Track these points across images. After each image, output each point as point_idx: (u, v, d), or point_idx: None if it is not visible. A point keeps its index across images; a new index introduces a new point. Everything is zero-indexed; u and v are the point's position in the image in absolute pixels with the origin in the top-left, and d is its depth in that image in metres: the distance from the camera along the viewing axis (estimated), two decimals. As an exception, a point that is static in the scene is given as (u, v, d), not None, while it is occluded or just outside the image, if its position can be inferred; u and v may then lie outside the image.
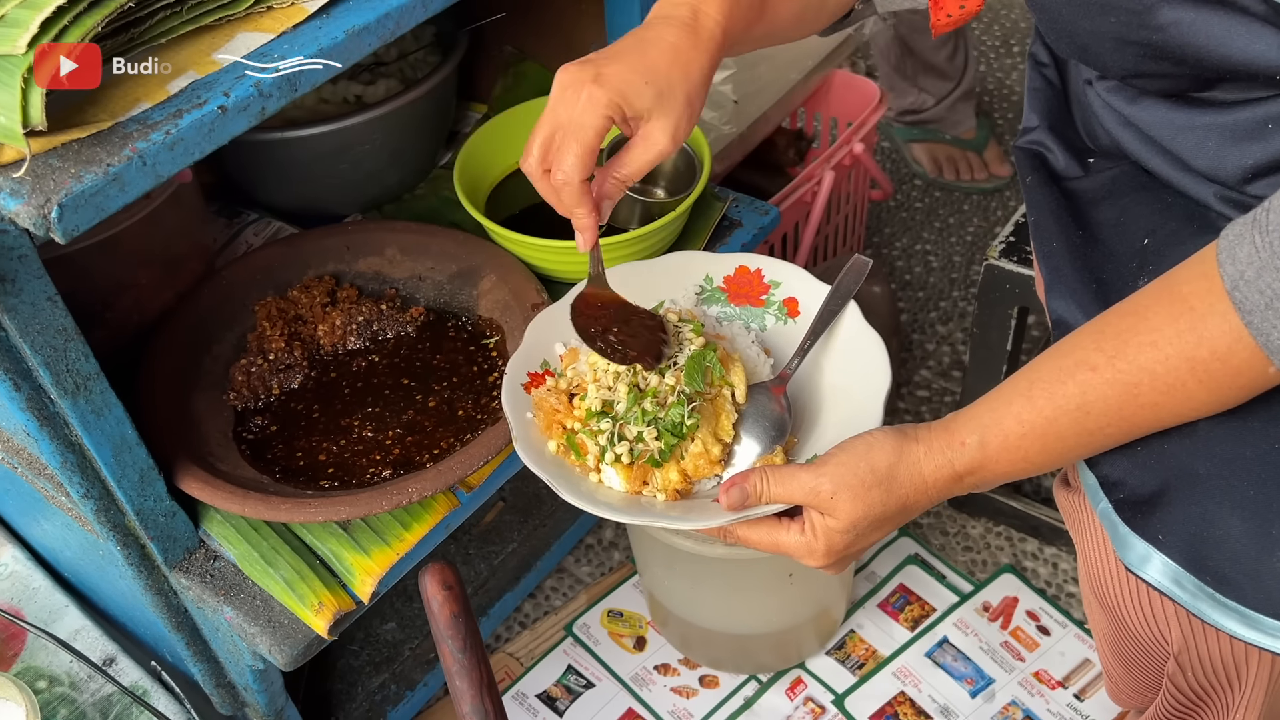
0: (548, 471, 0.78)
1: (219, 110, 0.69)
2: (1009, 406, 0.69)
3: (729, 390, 0.83)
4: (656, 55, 0.75)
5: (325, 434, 0.93)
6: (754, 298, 0.94)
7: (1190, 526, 0.66)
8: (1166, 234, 0.79)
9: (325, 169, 1.11)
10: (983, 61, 2.28)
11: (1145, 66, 0.72)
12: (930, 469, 0.71)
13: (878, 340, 0.85)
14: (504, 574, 1.33)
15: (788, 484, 0.72)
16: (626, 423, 0.79)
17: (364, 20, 0.76)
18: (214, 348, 0.99)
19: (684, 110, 0.76)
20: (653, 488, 0.80)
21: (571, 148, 0.74)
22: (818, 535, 0.72)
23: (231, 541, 0.86)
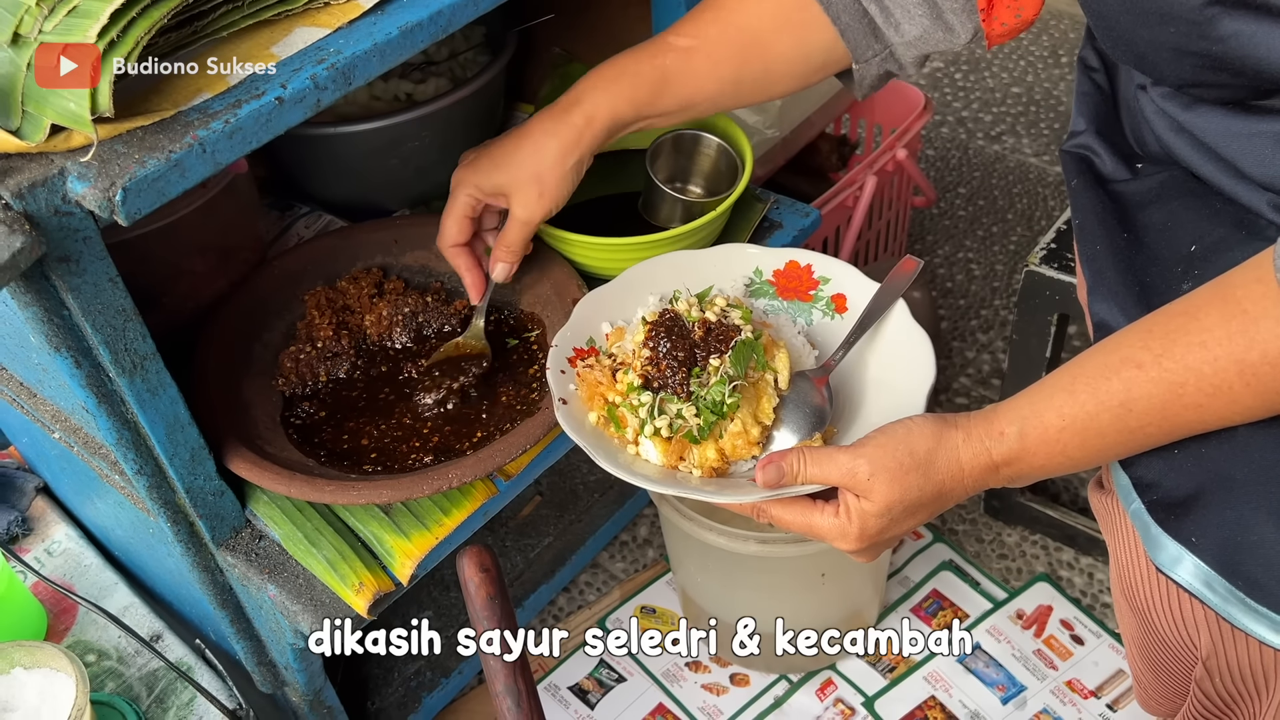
0: (587, 441, 0.80)
1: (276, 101, 0.71)
2: (1050, 400, 0.69)
3: (772, 375, 0.85)
4: (517, 144, 0.91)
5: (369, 420, 0.95)
6: (802, 293, 0.95)
7: (1224, 531, 0.66)
8: (1214, 240, 0.78)
9: (375, 164, 1.13)
10: (1030, 72, 2.27)
11: (1203, 76, 0.72)
12: (968, 456, 0.71)
13: (924, 338, 0.86)
14: (539, 567, 1.35)
15: (824, 464, 0.72)
16: (669, 400, 0.80)
17: (417, 17, 0.78)
18: (265, 335, 1.02)
19: (532, 187, 0.91)
20: (689, 464, 0.82)
21: (445, 225, 0.96)
22: (852, 518, 0.72)
23: (276, 522, 0.89)
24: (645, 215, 1.09)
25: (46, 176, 0.66)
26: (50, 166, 0.66)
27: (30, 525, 1.22)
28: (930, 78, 2.27)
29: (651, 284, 0.94)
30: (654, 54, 0.91)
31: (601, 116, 0.90)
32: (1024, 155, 2.06)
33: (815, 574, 1.16)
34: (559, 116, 0.90)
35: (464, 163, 0.96)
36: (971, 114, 2.18)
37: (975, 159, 2.06)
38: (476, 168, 0.94)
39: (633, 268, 0.95)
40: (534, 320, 1.03)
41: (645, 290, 0.93)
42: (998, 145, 2.09)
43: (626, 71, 0.91)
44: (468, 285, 0.99)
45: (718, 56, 0.92)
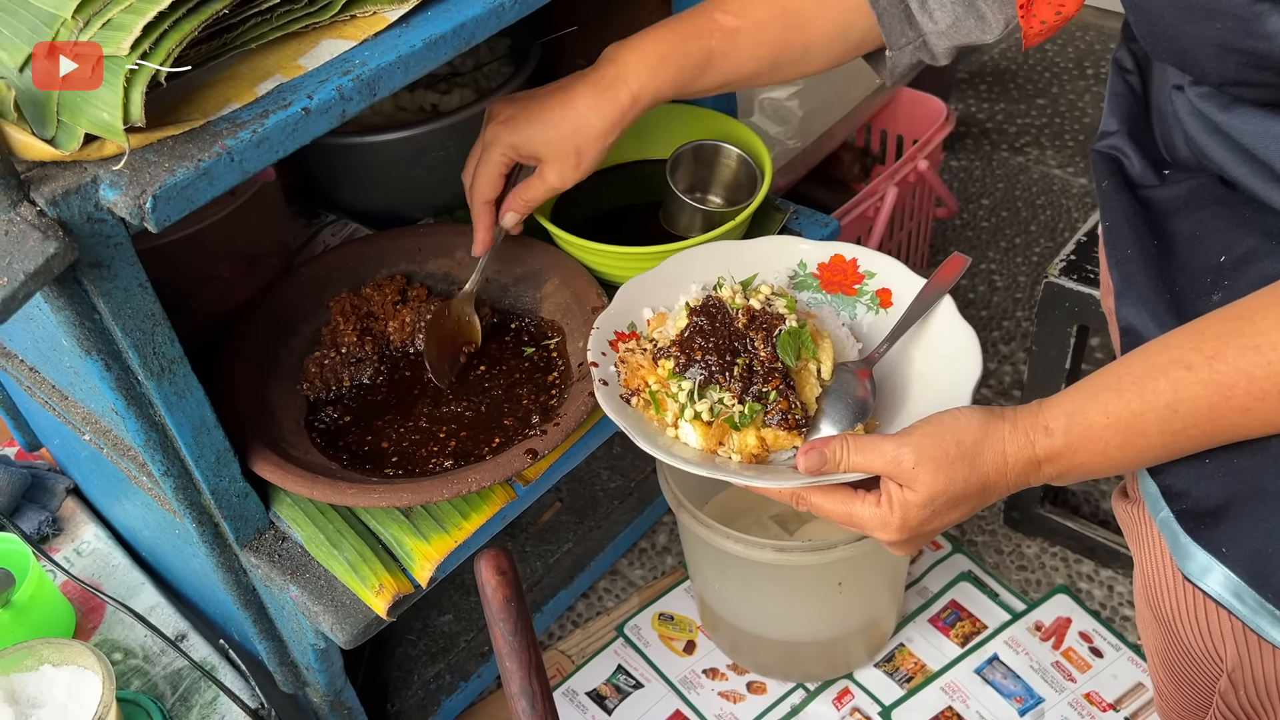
0: (627, 423, 0.81)
1: (303, 112, 0.73)
2: (1095, 398, 0.68)
3: (815, 365, 0.85)
4: (559, 111, 0.91)
5: (391, 425, 0.96)
6: (847, 286, 0.95)
7: (1256, 542, 0.66)
8: (1244, 251, 0.78)
9: (400, 174, 1.15)
10: (1055, 83, 2.27)
11: (1246, 75, 0.71)
12: (1013, 449, 0.70)
13: (971, 333, 0.85)
14: (558, 573, 1.36)
15: (868, 452, 0.71)
16: (710, 388, 0.81)
17: (441, 30, 0.80)
18: (290, 340, 1.03)
19: (572, 160, 0.92)
20: (728, 449, 0.82)
21: (477, 178, 0.96)
22: (894, 508, 0.71)
23: (299, 523, 0.90)
24: (665, 225, 1.10)
25: (80, 184, 0.68)
26: (84, 174, 0.68)
27: (60, 525, 1.25)
28: (955, 89, 2.27)
29: (694, 272, 0.94)
30: (700, 33, 0.91)
31: (645, 97, 0.91)
32: (1048, 167, 2.06)
33: (832, 583, 1.17)
34: (604, 91, 0.90)
35: (498, 118, 0.94)
36: (996, 125, 2.18)
37: (999, 170, 2.06)
38: (514, 127, 0.92)
39: (675, 255, 0.95)
40: (554, 328, 1.04)
41: (688, 278, 0.94)
42: (1021, 156, 2.09)
43: (674, 52, 0.91)
44: (478, 240, 0.99)
45: (761, 38, 0.92)
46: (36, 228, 0.66)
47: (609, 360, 0.87)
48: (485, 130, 0.95)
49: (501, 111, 0.94)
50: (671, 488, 1.17)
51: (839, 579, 1.16)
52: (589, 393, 0.93)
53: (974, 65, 2.33)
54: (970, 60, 2.35)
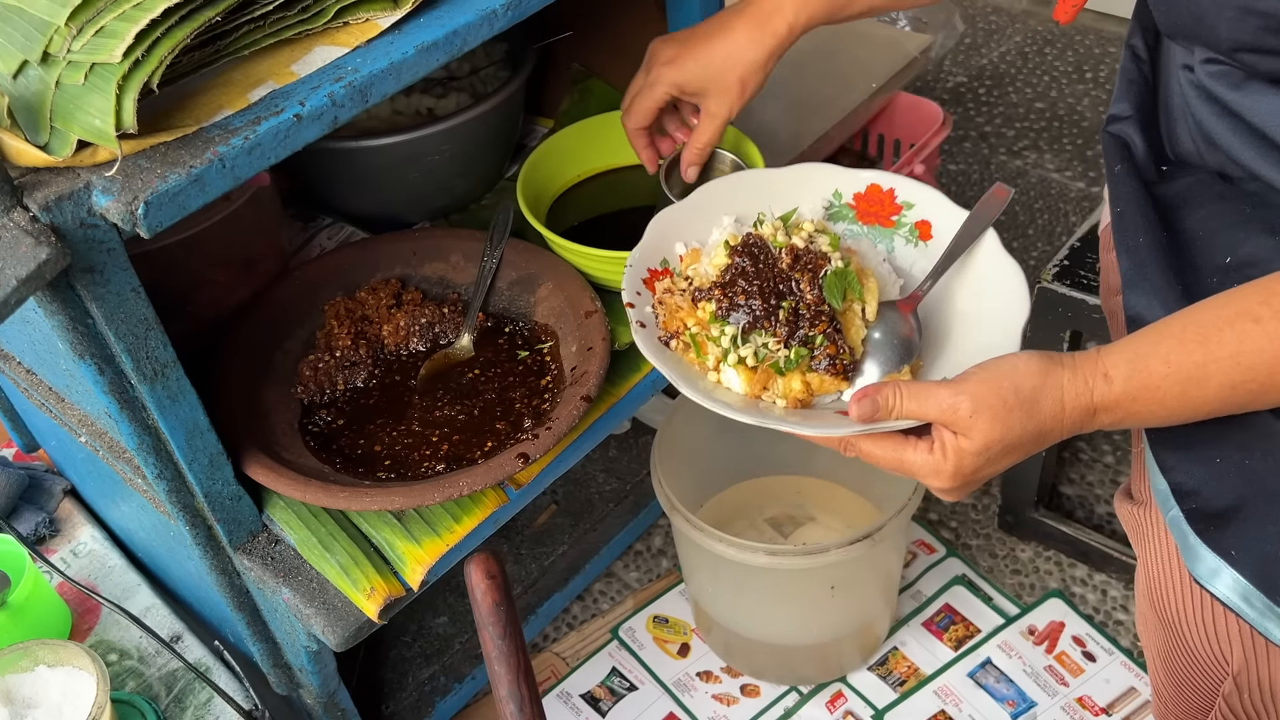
0: (667, 366, 0.78)
1: (294, 118, 0.74)
2: (1157, 346, 0.68)
3: (859, 305, 0.82)
4: (720, 46, 0.94)
5: (384, 429, 0.97)
6: (884, 218, 0.91)
7: (1266, 545, 0.66)
8: (1248, 253, 0.78)
9: (396, 178, 1.16)
10: (1054, 87, 2.27)
11: (1264, 40, 0.70)
12: (1070, 396, 0.69)
13: (1017, 270, 0.83)
14: (553, 575, 1.36)
15: (923, 400, 0.69)
16: (755, 333, 0.79)
17: (433, 37, 0.80)
18: (285, 343, 1.04)
19: (736, 90, 0.96)
20: (772, 394, 0.79)
21: (639, 103, 1.00)
22: (948, 455, 0.69)
23: (292, 526, 0.91)
24: None
25: (73, 190, 0.69)
26: (77, 180, 0.69)
27: (57, 526, 1.25)
28: (953, 93, 2.28)
29: (727, 204, 0.90)
30: None
31: (800, 26, 0.94)
32: (1046, 170, 2.06)
33: (825, 586, 1.17)
34: (763, 24, 0.94)
35: (660, 57, 0.97)
36: (994, 129, 2.18)
37: (997, 174, 2.06)
38: (680, 67, 0.96)
39: (705, 186, 0.91)
40: (547, 332, 1.04)
41: (720, 210, 0.89)
42: (1019, 160, 2.09)
43: None
44: (645, 160, 1.06)
45: None
46: (29, 233, 0.67)
47: (645, 300, 0.84)
48: (649, 71, 0.98)
49: (663, 51, 0.97)
50: (665, 491, 1.17)
51: (831, 583, 1.17)
52: (581, 397, 0.94)
53: (973, 69, 2.34)
54: (970, 64, 2.35)
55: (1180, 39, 0.82)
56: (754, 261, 0.80)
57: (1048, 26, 2.46)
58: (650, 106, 0.99)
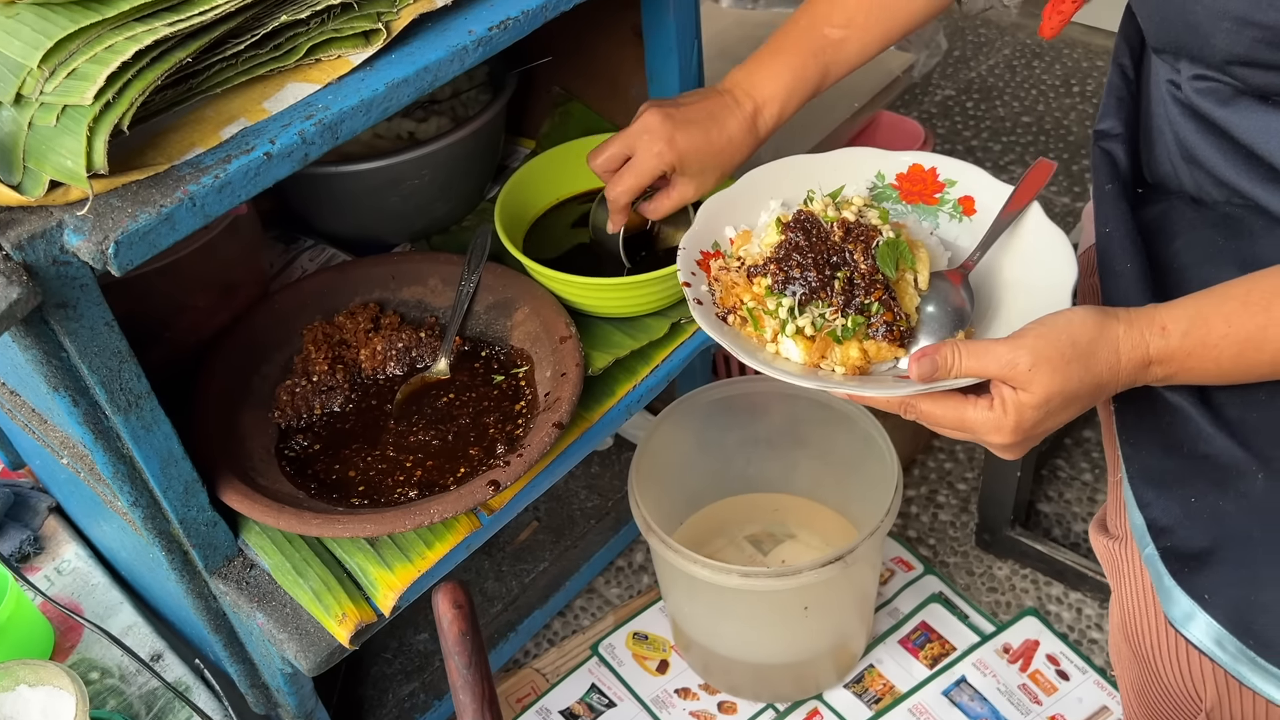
0: (726, 339, 0.81)
1: (264, 156, 0.75)
2: (1220, 306, 0.69)
3: (912, 275, 0.84)
4: (718, 141, 0.98)
5: (359, 454, 0.98)
6: (928, 196, 0.94)
7: (1239, 589, 0.67)
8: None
9: (376, 201, 1.17)
10: (1041, 100, 2.28)
11: (1258, 53, 0.72)
12: (1127, 348, 0.70)
13: (1063, 238, 0.85)
14: (534, 592, 1.38)
15: (982, 357, 0.70)
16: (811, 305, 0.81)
17: (403, 74, 0.81)
18: (263, 368, 1.05)
19: (714, 182, 1.01)
20: (830, 362, 0.81)
21: (629, 180, 0.99)
22: (1008, 410, 0.70)
23: (267, 552, 0.92)
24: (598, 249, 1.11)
25: (45, 229, 0.70)
26: (49, 219, 0.70)
27: (42, 544, 1.27)
28: (941, 106, 2.29)
29: (773, 189, 0.94)
30: (815, 53, 0.99)
31: (776, 127, 1.01)
32: (1031, 186, 2.07)
33: (798, 607, 1.19)
34: (751, 127, 1.00)
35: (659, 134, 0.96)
36: (981, 143, 2.19)
37: (982, 189, 2.07)
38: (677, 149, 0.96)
39: (751, 173, 0.95)
40: (523, 357, 1.06)
41: (767, 195, 0.93)
42: (1005, 175, 2.10)
43: (798, 80, 0.99)
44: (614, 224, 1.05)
45: (867, 39, 0.99)
46: (1, 272, 0.68)
47: (700, 280, 0.88)
48: (645, 145, 0.97)
49: (659, 127, 0.96)
50: (642, 512, 1.19)
51: (805, 603, 1.18)
52: (553, 424, 0.95)
53: (961, 82, 2.35)
54: (959, 77, 2.36)
55: (1170, 52, 0.83)
56: (807, 236, 0.83)
57: (1036, 39, 2.47)
58: (644, 183, 0.99)
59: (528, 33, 0.89)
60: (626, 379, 1.07)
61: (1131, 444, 0.76)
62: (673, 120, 0.96)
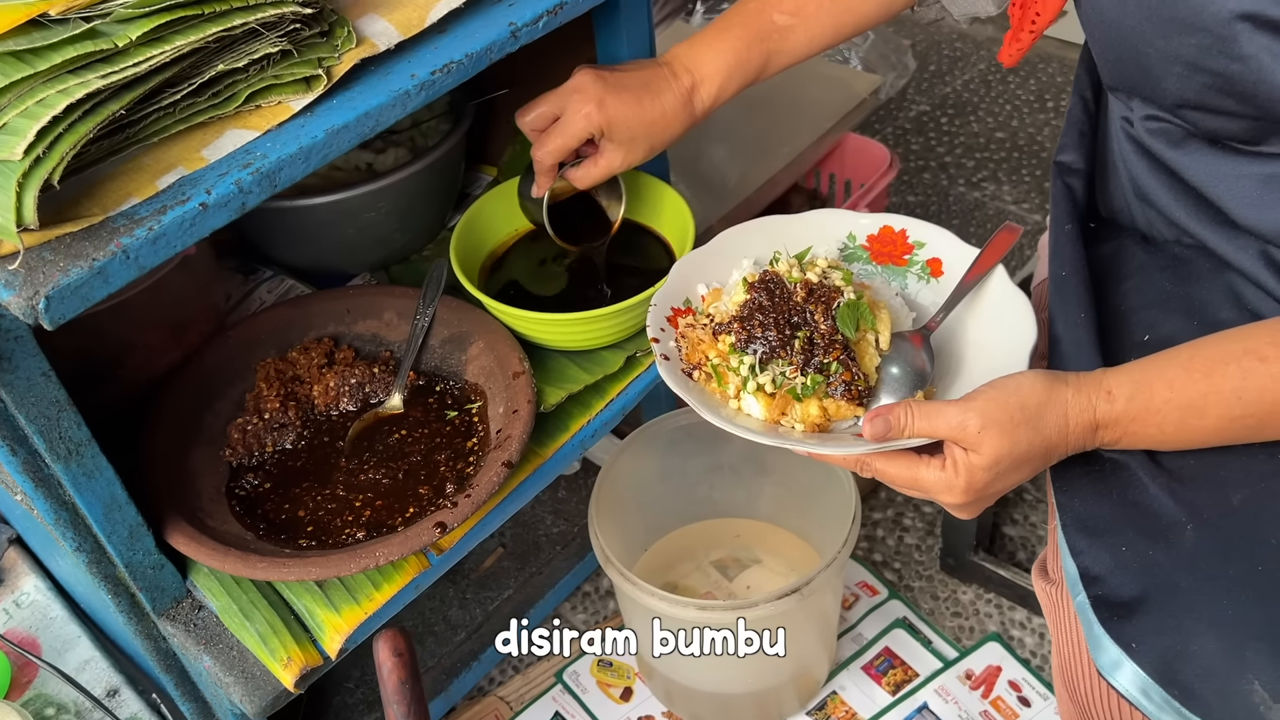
0: (690, 395, 0.83)
1: (200, 207, 0.75)
2: (1163, 372, 0.70)
3: (873, 336, 0.86)
4: (650, 112, 0.97)
5: (309, 492, 0.98)
6: (897, 257, 0.96)
7: (1165, 639, 0.67)
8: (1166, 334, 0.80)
9: (333, 234, 1.17)
10: (1015, 116, 2.29)
11: (1208, 98, 0.72)
12: (1075, 411, 0.71)
13: (1025, 300, 0.87)
14: (498, 620, 1.38)
15: (933, 418, 0.72)
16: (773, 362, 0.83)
17: (343, 120, 0.81)
18: (216, 405, 1.05)
19: (643, 153, 0.99)
20: (791, 419, 0.83)
21: (555, 140, 0.98)
22: (959, 471, 0.72)
23: (214, 593, 0.92)
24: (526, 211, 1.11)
25: (-24, 283, 0.70)
26: (-20, 273, 0.70)
27: (2, 576, 1.26)
28: (916, 122, 2.29)
29: (745, 248, 0.95)
30: (761, 38, 0.98)
31: (712, 108, 1.00)
32: (1003, 203, 2.08)
33: (756, 638, 1.18)
34: (686, 102, 0.98)
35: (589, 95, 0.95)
36: (955, 159, 2.20)
37: (955, 205, 2.08)
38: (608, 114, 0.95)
39: (726, 232, 0.97)
40: (477, 392, 1.06)
41: (739, 254, 0.95)
42: (978, 192, 2.11)
43: (740, 62, 0.98)
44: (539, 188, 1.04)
45: (814, 31, 0.99)
46: (-69, 328, 0.68)
47: (668, 336, 0.89)
48: (574, 105, 0.96)
49: (590, 88, 0.96)
50: (601, 544, 1.19)
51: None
52: (503, 463, 0.95)
53: (936, 98, 2.35)
54: (933, 92, 2.37)
55: (1123, 91, 0.83)
56: (770, 296, 0.85)
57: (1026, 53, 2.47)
58: (571, 146, 0.98)
59: (472, 75, 0.89)
60: (581, 413, 1.08)
61: (1065, 491, 0.76)
62: (605, 83, 0.96)
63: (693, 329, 0.88)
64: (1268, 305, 0.80)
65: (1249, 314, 0.81)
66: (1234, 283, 0.82)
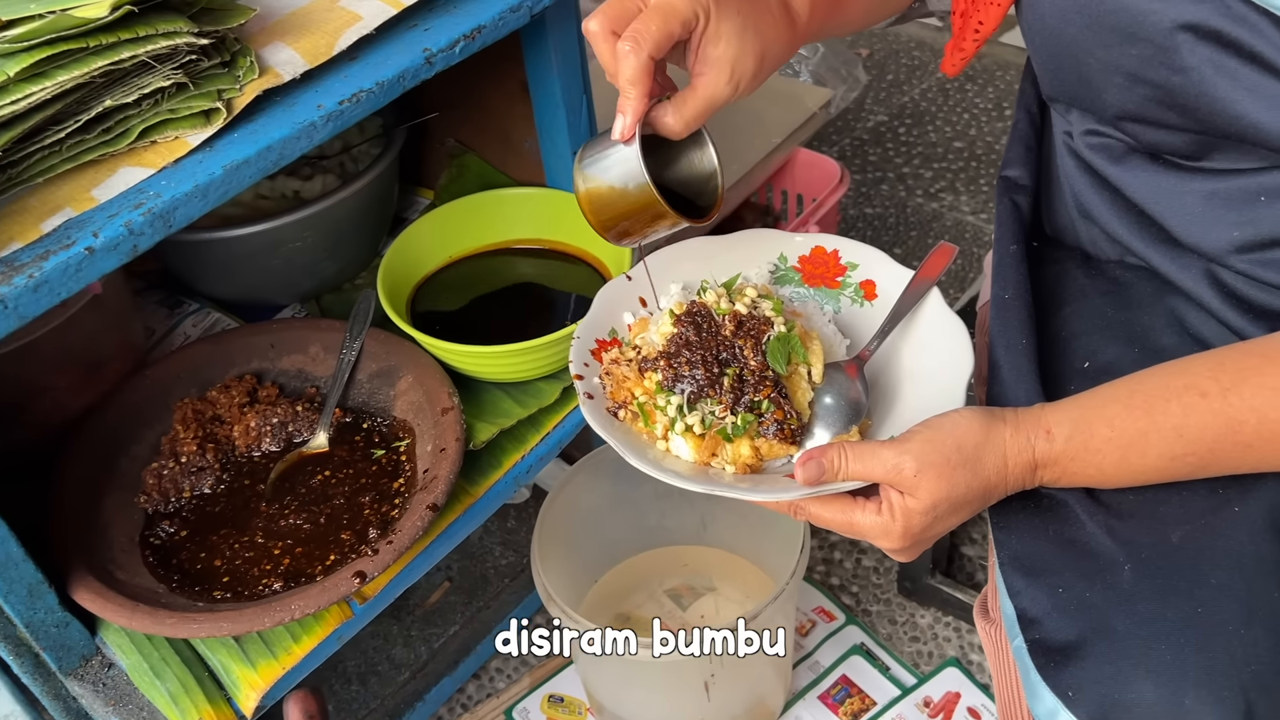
0: (615, 437, 0.78)
1: (86, 251, 0.71)
2: (1103, 409, 0.68)
3: (805, 369, 0.82)
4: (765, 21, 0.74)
5: (226, 540, 0.94)
6: (830, 279, 0.92)
7: (1102, 687, 0.65)
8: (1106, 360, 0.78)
9: (258, 265, 1.13)
10: (973, 125, 2.27)
11: (1149, 111, 0.71)
12: (1014, 451, 0.69)
13: (960, 326, 0.84)
14: (444, 658, 1.34)
15: (868, 460, 0.69)
16: (702, 401, 0.78)
17: (244, 155, 0.77)
18: (133, 448, 1.01)
19: (752, 71, 0.73)
20: (721, 460, 0.79)
21: (656, 20, 0.68)
22: (895, 516, 0.69)
23: (125, 650, 0.88)
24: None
25: None
26: None
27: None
28: (873, 132, 2.27)
29: (673, 272, 0.90)
30: None
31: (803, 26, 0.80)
32: (961, 214, 2.06)
33: (703, 675, 1.15)
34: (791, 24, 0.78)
35: None
36: (913, 170, 2.17)
37: (913, 217, 2.06)
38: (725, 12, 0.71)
39: (652, 255, 0.90)
40: (405, 429, 1.02)
41: (667, 278, 0.90)
42: (936, 203, 2.08)
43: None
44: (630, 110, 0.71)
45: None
46: None
47: (593, 371, 0.84)
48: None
49: None
50: (542, 579, 1.15)
51: (711, 671, 1.15)
52: (428, 506, 0.91)
53: (894, 107, 2.33)
54: (891, 102, 2.35)
55: (1062, 103, 0.81)
56: (697, 330, 0.81)
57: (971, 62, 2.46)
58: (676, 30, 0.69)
59: (384, 104, 0.85)
60: (515, 449, 1.04)
61: (1003, 528, 0.73)
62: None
63: (618, 364, 0.84)
64: (1210, 328, 0.78)
65: (1190, 339, 0.78)
66: (1176, 306, 0.80)
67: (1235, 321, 0.76)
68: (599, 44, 0.71)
